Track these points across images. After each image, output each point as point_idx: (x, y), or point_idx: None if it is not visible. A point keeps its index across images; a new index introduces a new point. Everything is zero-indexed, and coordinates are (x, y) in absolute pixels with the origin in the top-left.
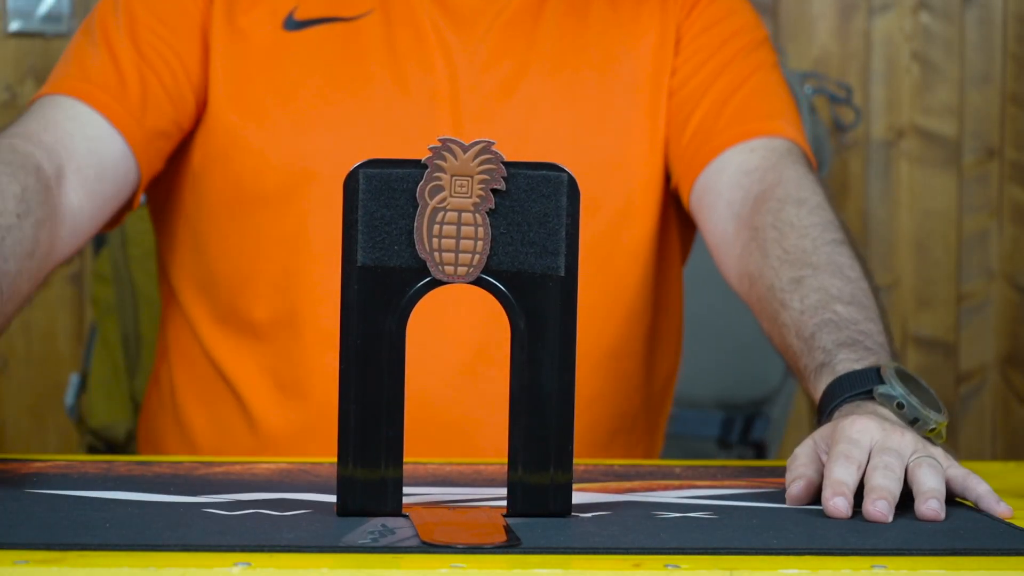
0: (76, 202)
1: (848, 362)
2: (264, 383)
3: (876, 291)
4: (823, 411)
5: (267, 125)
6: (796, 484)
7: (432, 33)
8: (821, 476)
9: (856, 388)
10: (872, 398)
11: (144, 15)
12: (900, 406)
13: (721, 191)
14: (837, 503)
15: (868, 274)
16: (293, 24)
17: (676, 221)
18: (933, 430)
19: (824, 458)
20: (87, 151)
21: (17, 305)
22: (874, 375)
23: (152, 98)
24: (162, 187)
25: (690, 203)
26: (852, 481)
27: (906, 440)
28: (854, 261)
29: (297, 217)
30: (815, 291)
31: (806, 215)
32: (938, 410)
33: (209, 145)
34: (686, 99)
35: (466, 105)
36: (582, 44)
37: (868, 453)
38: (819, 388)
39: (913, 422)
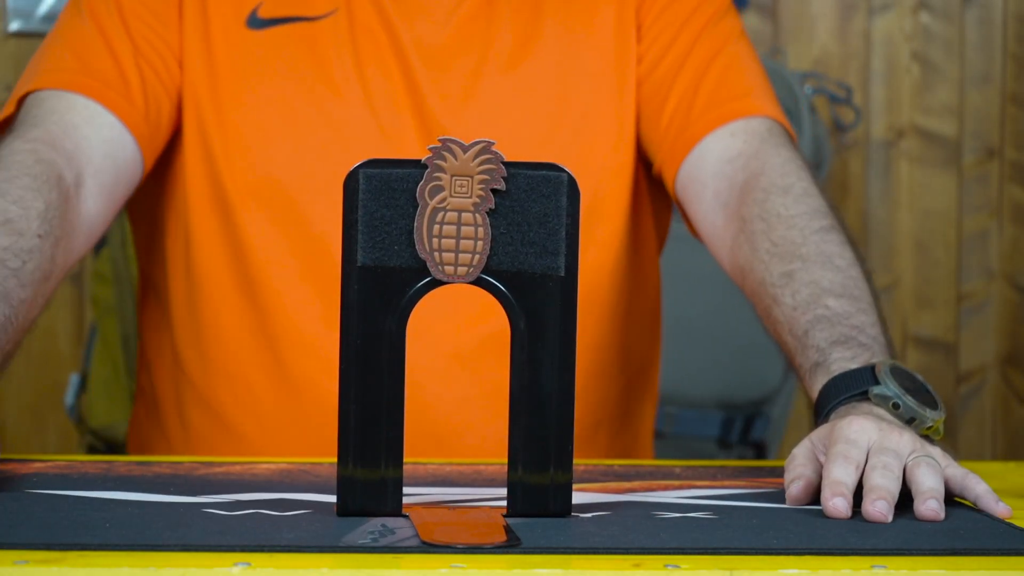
0: (93, 209)
1: (842, 361)
2: (239, 393)
3: (868, 275)
4: (819, 412)
5: (231, 130)
6: (795, 484)
7: (389, 35)
8: (820, 476)
9: (851, 389)
10: (868, 399)
11: (130, 1)
12: (896, 406)
13: (706, 181)
14: (836, 503)
15: (859, 258)
16: (257, 22)
17: (650, 207)
18: (930, 427)
19: (822, 459)
20: (104, 155)
21: (27, 330)
22: (869, 375)
23: (151, 92)
24: (140, 187)
25: (675, 192)
26: (851, 481)
27: (904, 440)
28: (844, 248)
29: (262, 224)
30: (806, 285)
31: (792, 204)
32: (934, 407)
33: (185, 146)
34: (659, 84)
35: (427, 110)
36: (538, 37)
37: (866, 453)
38: (815, 388)
39: (910, 421)
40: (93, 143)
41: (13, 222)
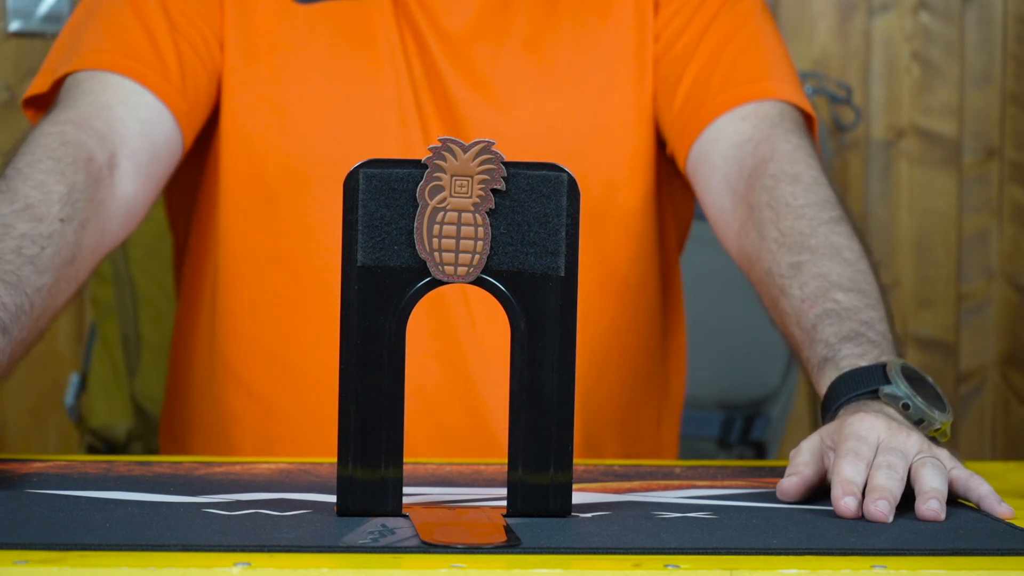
0: (131, 189)
1: (852, 358)
2: (277, 372)
3: (875, 268)
4: (828, 408)
5: (273, 106)
6: (790, 479)
7: (407, 20)
8: (818, 476)
9: (861, 387)
10: (878, 397)
11: None
12: (906, 406)
13: (715, 164)
14: (848, 503)
15: (867, 251)
16: None
17: (670, 191)
18: (938, 429)
19: (827, 458)
20: (140, 135)
21: (52, 316)
22: (879, 373)
23: (189, 68)
24: (177, 172)
25: (686, 173)
26: (862, 480)
27: (911, 440)
28: (852, 240)
29: (302, 201)
30: (814, 278)
31: (801, 193)
32: (943, 409)
33: (222, 124)
34: (674, 64)
35: (447, 94)
36: (555, 21)
37: (875, 451)
38: (823, 384)
39: (919, 422)
40: (128, 123)
41: (33, 207)
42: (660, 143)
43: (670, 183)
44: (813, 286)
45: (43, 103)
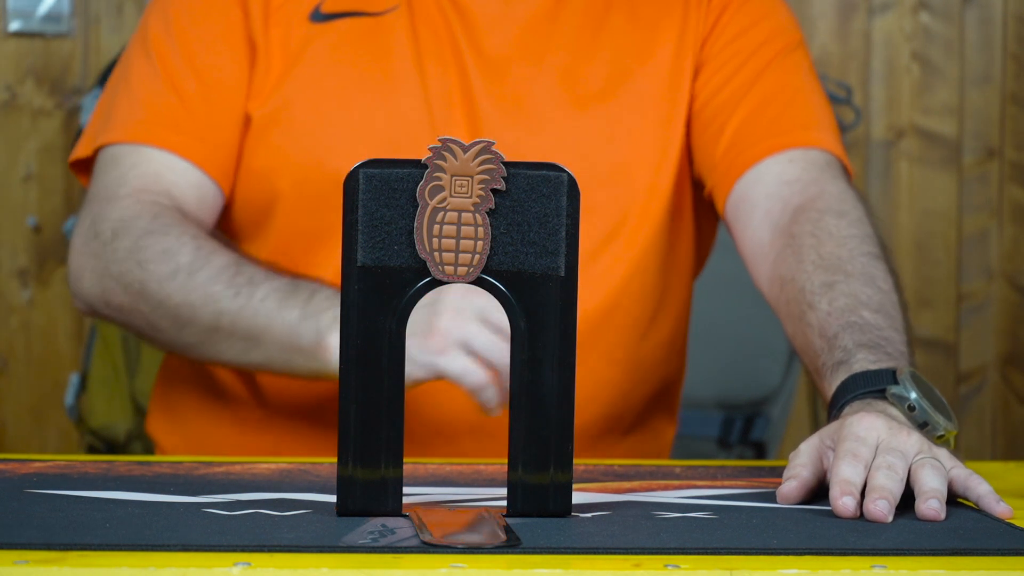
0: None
1: (865, 362)
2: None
3: (905, 307)
4: (834, 406)
5: (289, 119)
6: (789, 483)
7: (448, 38)
8: (816, 478)
9: (869, 386)
10: (884, 397)
11: (194, 31)
12: (911, 408)
13: (758, 201)
14: (846, 503)
15: (899, 289)
16: (320, 16)
17: (692, 232)
18: (941, 436)
19: (826, 458)
20: (195, 199)
21: None
22: (889, 376)
23: (219, 121)
24: None
25: (726, 212)
26: (860, 480)
27: (912, 441)
28: (888, 276)
29: (309, 212)
30: (845, 296)
31: (846, 226)
32: (948, 418)
33: (244, 140)
34: (720, 109)
35: (478, 112)
36: (594, 56)
37: (875, 451)
38: (833, 384)
39: (922, 426)
40: (182, 187)
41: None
42: (679, 186)
43: (695, 224)
44: (842, 302)
45: (88, 164)
